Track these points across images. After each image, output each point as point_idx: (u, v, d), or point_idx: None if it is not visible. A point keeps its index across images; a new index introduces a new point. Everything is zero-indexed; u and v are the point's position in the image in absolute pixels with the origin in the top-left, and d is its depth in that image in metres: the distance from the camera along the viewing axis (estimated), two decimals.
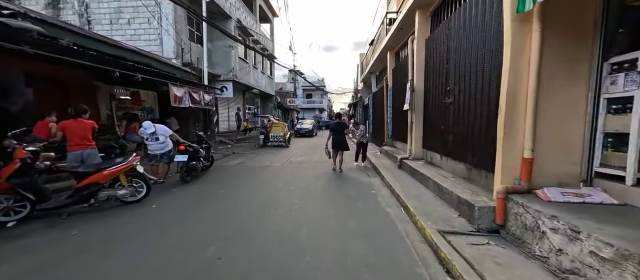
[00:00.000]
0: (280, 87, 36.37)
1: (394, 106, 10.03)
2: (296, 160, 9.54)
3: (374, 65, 13.82)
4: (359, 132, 8.38)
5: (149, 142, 5.89)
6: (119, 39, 10.27)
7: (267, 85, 21.67)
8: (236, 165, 8.49)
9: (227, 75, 14.55)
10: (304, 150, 12.57)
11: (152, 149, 5.93)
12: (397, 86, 9.62)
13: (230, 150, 11.83)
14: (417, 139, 6.91)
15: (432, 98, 6.19)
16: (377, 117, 12.77)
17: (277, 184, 5.93)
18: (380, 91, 12.12)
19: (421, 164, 6.29)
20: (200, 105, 9.32)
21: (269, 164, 8.81)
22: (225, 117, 16.32)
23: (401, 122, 8.96)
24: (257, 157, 10.44)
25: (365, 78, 17.90)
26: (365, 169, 7.84)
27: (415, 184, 5.38)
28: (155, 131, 5.84)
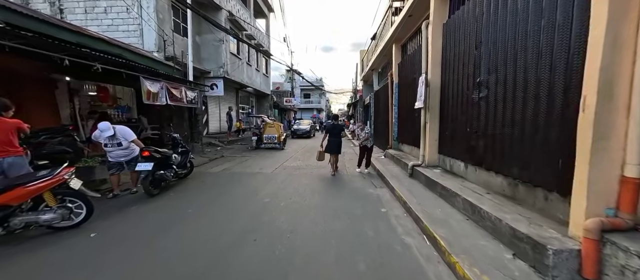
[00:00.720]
0: (277, 86, 35.30)
1: (400, 105, 8.96)
2: (291, 165, 8.45)
3: (377, 62, 12.76)
4: (363, 134, 7.32)
5: (108, 148, 4.79)
6: (95, 30, 9.18)
7: (262, 84, 20.57)
8: (221, 172, 7.38)
9: (217, 72, 13.45)
10: (300, 153, 11.47)
11: (114, 156, 4.83)
12: (403, 82, 8.56)
13: (219, 153, 10.72)
14: (431, 142, 5.84)
15: (453, 94, 5.12)
16: (380, 118, 11.70)
17: (264, 199, 4.83)
18: (383, 89, 11.06)
19: (438, 173, 5.22)
20: (181, 103, 8.20)
21: (258, 170, 7.71)
22: (216, 117, 15.21)
23: (409, 122, 7.90)
24: (247, 161, 9.33)
25: (366, 76, 16.85)
26: (369, 177, 6.76)
27: (436, 200, 4.30)
28: (115, 134, 4.74)
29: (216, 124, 15.14)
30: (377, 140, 11.99)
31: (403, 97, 8.63)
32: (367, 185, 5.95)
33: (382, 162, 8.23)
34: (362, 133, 7.38)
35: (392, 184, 5.41)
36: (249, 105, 20.85)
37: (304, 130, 20.99)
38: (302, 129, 21.07)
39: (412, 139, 7.55)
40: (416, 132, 7.10)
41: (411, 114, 7.65)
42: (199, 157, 9.54)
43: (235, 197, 4.98)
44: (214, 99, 14.64)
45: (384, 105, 10.78)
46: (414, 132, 7.37)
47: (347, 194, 5.23)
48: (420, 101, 5.79)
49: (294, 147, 14.40)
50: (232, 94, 17.20)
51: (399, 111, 9.19)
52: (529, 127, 3.07)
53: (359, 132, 7.54)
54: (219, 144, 12.84)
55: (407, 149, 8.22)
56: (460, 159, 4.79)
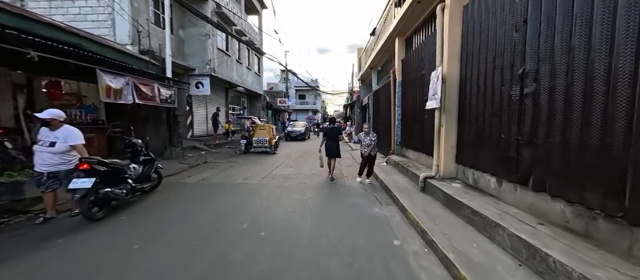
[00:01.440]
0: (271, 87, 34.25)
1: (404, 105, 7.99)
2: (281, 174, 7.39)
3: (376, 59, 11.80)
4: (367, 140, 6.32)
5: (37, 147, 3.69)
6: (61, 20, 8.04)
7: (255, 83, 19.48)
8: (197, 183, 6.29)
9: (203, 69, 12.35)
10: (293, 158, 10.42)
11: (41, 161, 3.68)
12: (408, 80, 7.59)
13: (202, 159, 9.61)
14: (447, 149, 4.85)
15: (477, 91, 4.14)
16: (381, 120, 10.72)
17: (242, 224, 3.76)
18: (384, 88, 10.09)
19: (460, 189, 4.22)
20: (153, 102, 7.11)
21: (243, 180, 6.64)
22: (203, 118, 14.08)
23: (415, 125, 6.92)
24: (232, 168, 8.25)
25: (363, 75, 15.89)
26: (372, 189, 5.74)
27: (465, 229, 3.29)
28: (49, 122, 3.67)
29: (203, 126, 14.01)
30: (378, 144, 10.99)
31: (408, 96, 7.65)
32: (371, 201, 4.92)
33: (385, 170, 7.22)
34: (366, 139, 6.35)
35: (401, 201, 4.39)
36: (240, 106, 19.74)
37: (299, 132, 19.95)
38: (296, 131, 20.03)
39: (420, 144, 6.57)
40: (425, 137, 6.13)
41: (418, 115, 6.67)
42: (178, 163, 8.43)
43: (204, 221, 3.91)
44: (201, 98, 13.54)
45: (385, 106, 9.80)
46: (422, 137, 6.39)
47: (346, 214, 4.20)
48: (435, 100, 4.80)
49: (286, 150, 13.34)
50: (221, 93, 16.09)
51: (402, 112, 8.21)
52: (620, 132, 2.08)
53: (363, 138, 6.48)
54: (204, 148, 11.72)
55: (413, 155, 7.23)
56: (490, 172, 3.80)
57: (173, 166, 7.99)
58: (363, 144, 6.42)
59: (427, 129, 6.04)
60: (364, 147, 6.35)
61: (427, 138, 6.00)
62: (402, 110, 8.26)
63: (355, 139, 17.12)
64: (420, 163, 6.60)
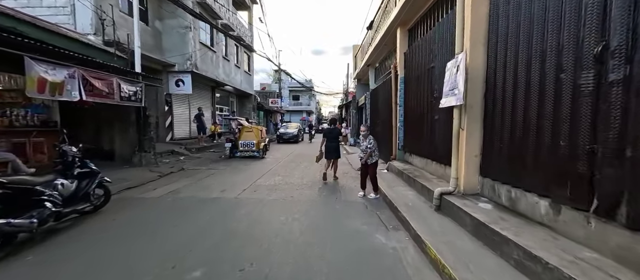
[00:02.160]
0: (263, 87, 33.13)
1: (408, 104, 7.00)
2: (266, 184, 6.32)
3: (374, 55, 10.81)
4: (365, 146, 5.28)
5: None
6: (13, 5, 6.86)
7: (244, 82, 18.35)
8: (160, 199, 5.17)
9: (183, 65, 11.20)
10: (282, 164, 9.35)
11: None
12: (413, 75, 6.61)
13: (179, 166, 8.48)
14: (470, 159, 3.85)
15: (515, 82, 3.15)
16: (380, 121, 9.73)
17: (194, 269, 2.68)
18: (383, 86, 9.11)
19: (493, 211, 3.22)
20: (111, 100, 5.97)
21: (219, 192, 5.55)
22: (185, 119, 12.90)
23: (421, 127, 5.94)
24: (211, 177, 7.14)
25: (360, 73, 14.92)
26: (374, 206, 4.70)
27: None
28: None
29: (184, 128, 12.84)
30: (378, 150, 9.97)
31: (412, 94, 6.66)
32: (374, 224, 3.88)
33: (387, 179, 6.20)
34: (364, 144, 5.32)
35: (414, 226, 3.37)
36: (229, 107, 18.58)
37: (291, 134, 18.88)
38: (289, 133, 18.95)
39: (429, 150, 5.57)
40: (436, 142, 5.13)
41: (426, 115, 5.68)
42: (148, 172, 7.29)
43: (143, 264, 2.81)
44: (182, 98, 12.37)
45: (385, 106, 8.82)
46: (431, 141, 5.39)
47: (343, 248, 3.14)
48: (453, 97, 3.79)
49: (277, 154, 12.26)
50: (207, 93, 14.94)
51: (405, 112, 7.22)
52: None
53: (359, 142, 5.48)
54: (184, 153, 10.57)
55: (419, 162, 6.23)
56: (538, 192, 2.79)
57: (140, 175, 6.85)
58: (360, 147, 5.45)
59: (438, 132, 5.04)
60: (362, 151, 5.34)
61: (439, 143, 5.00)
62: (405, 111, 7.27)
63: (351, 141, 16.13)
64: (428, 172, 5.60)
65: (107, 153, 8.04)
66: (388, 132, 8.26)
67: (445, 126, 4.70)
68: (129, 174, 6.94)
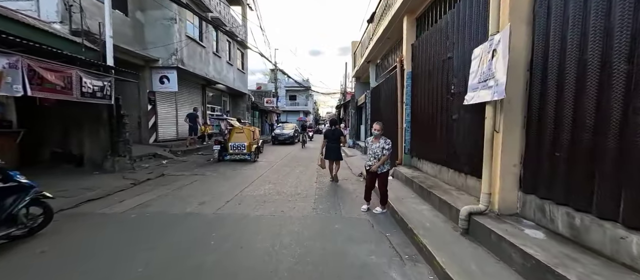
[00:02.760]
0: (259, 86, 32.22)
1: (416, 103, 6.19)
2: (254, 194, 5.45)
3: (375, 50, 9.99)
4: (380, 145, 4.28)
5: None
6: None
7: (237, 81, 17.43)
8: (122, 215, 4.27)
9: (168, 61, 10.29)
10: (275, 168, 8.48)
11: None
12: (422, 70, 5.79)
13: (160, 171, 7.57)
14: (508, 169, 3.01)
15: (586, 67, 2.33)
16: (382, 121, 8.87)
17: None
18: (387, 83, 8.29)
19: (546, 242, 2.39)
20: (68, 96, 5.08)
21: (197, 205, 4.67)
22: (172, 120, 11.97)
23: (433, 128, 5.12)
24: (193, 184, 6.26)
25: (359, 71, 14.10)
26: (381, 225, 3.85)
27: None
28: None
29: (171, 129, 11.90)
30: None
31: (421, 90, 5.84)
32: (385, 254, 3.03)
33: (394, 188, 5.34)
34: (375, 146, 4.30)
35: (441, 263, 2.52)
36: (222, 106, 17.65)
37: (287, 135, 18.02)
38: (284, 134, 18.08)
39: (444, 155, 4.74)
40: (454, 146, 4.30)
41: (440, 115, 4.85)
42: (121, 179, 6.38)
43: None
44: (168, 96, 11.44)
45: (389, 104, 7.99)
46: (448, 146, 4.56)
47: None
48: (487, 90, 2.96)
49: (271, 157, 11.39)
50: (197, 91, 14.02)
51: (413, 112, 6.40)
52: None
53: (370, 144, 4.43)
54: (168, 156, 9.65)
55: (431, 168, 5.39)
56: (631, 224, 1.96)
57: (109, 184, 5.94)
58: (370, 150, 4.41)
59: (458, 135, 4.21)
60: (373, 162, 4.32)
61: (460, 148, 4.17)
62: (412, 110, 6.44)
63: (350, 142, 15.29)
64: (443, 181, 4.77)
65: (77, 158, 7.11)
66: (392, 135, 7.40)
67: (469, 128, 3.87)
68: (97, 182, 6.03)
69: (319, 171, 8.12)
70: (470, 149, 3.86)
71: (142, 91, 10.23)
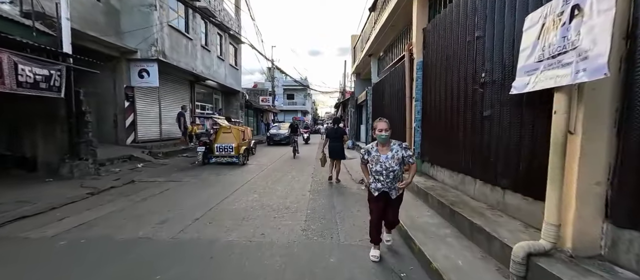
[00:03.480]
0: (255, 84, 31.19)
1: (429, 98, 5.19)
2: (232, 208, 4.43)
3: (378, 40, 8.99)
4: (390, 158, 2.61)
5: None
6: None
7: (230, 77, 16.41)
8: (52, 240, 3.24)
9: (148, 52, 9.25)
10: (265, 173, 7.46)
11: None
12: (437, 58, 4.80)
13: (130, 177, 6.56)
14: (587, 189, 2.01)
15: None
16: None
17: None
18: (392, 77, 7.29)
19: None
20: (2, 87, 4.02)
21: (154, 227, 3.65)
22: (153, 118, 10.93)
23: (452, 128, 4.13)
24: (160, 195, 5.24)
25: (360, 66, 13.11)
26: (396, 262, 2.84)
27: None
28: None
29: (153, 129, 10.86)
30: None
31: (436, 82, 4.84)
32: None
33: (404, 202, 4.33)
34: (383, 157, 2.63)
35: None
36: (214, 104, 16.62)
37: (283, 135, 16.99)
38: (280, 134, 17.07)
39: (469, 163, 3.73)
40: (484, 150, 3.30)
41: (464, 112, 3.85)
42: (78, 187, 5.38)
43: None
44: (150, 92, 10.40)
45: (394, 101, 7.00)
46: (473, 150, 3.57)
47: None
48: (565, 68, 1.95)
49: (263, 159, 10.38)
50: (184, 87, 13.00)
51: (425, 108, 5.40)
52: None
53: (377, 156, 2.65)
54: (146, 158, 8.62)
55: (450, 178, 4.39)
56: None
57: (59, 194, 4.92)
58: (375, 167, 2.65)
59: (493, 136, 3.20)
60: (377, 176, 2.66)
61: (496, 154, 3.17)
62: (423, 106, 5.45)
63: (349, 143, 14.28)
64: (469, 195, 3.76)
65: (29, 161, 6.07)
66: (399, 136, 6.42)
67: (510, 127, 2.88)
68: (44, 192, 5.02)
69: (314, 176, 7.14)
70: (511, 156, 2.87)
71: (119, 86, 9.20)
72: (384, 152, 2.65)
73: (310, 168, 8.50)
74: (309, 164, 9.38)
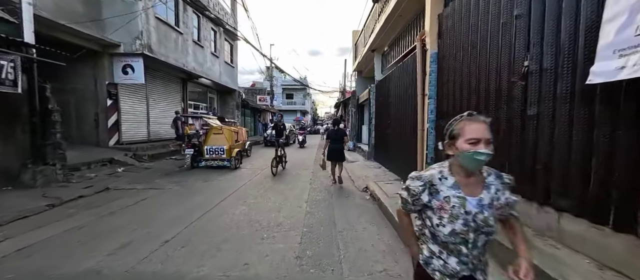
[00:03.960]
0: (253, 84, 30.46)
1: (444, 94, 4.48)
2: (213, 227, 3.69)
3: (382, 33, 8.26)
4: (493, 195, 1.13)
5: None
6: None
7: (225, 75, 15.67)
8: None
9: (132, 46, 8.51)
10: (259, 179, 6.72)
11: None
12: (456, 47, 4.08)
13: (106, 183, 5.83)
14: None
15: None
16: (391, 121, 7.16)
17: None
18: (400, 71, 6.56)
19: None
20: None
21: (110, 253, 2.92)
22: (141, 118, 10.18)
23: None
24: (136, 205, 4.51)
25: (361, 63, 12.38)
26: None
27: None
28: None
29: (140, 130, 10.11)
30: (388, 160, 7.40)
31: (455, 76, 4.12)
32: None
33: None
34: (474, 199, 1.10)
35: None
36: (208, 104, 15.87)
37: None
38: None
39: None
40: (528, 159, 2.56)
41: (495, 110, 3.12)
42: (39, 197, 4.64)
43: None
44: (136, 90, 9.66)
45: (402, 99, 6.27)
46: (511, 158, 2.83)
47: None
48: None
49: (258, 162, 9.64)
50: (175, 85, 12.25)
51: (440, 107, 4.68)
52: None
53: (449, 194, 1.12)
54: (129, 162, 7.88)
55: None
56: None
57: (13, 206, 4.20)
58: (449, 226, 1.10)
59: (544, 141, 2.47)
60: (453, 243, 1.12)
61: (543, 162, 2.44)
62: (438, 104, 4.72)
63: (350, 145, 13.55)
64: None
65: None
66: (408, 139, 5.70)
67: (570, 132, 2.15)
68: (5, 199, 4.30)
69: (312, 183, 6.42)
70: (573, 169, 2.15)
71: (100, 83, 8.47)
72: (472, 190, 1.13)
73: (308, 173, 7.78)
74: (307, 167, 8.66)
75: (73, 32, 7.06)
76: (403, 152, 6.04)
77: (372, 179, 6.29)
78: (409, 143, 5.62)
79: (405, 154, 5.81)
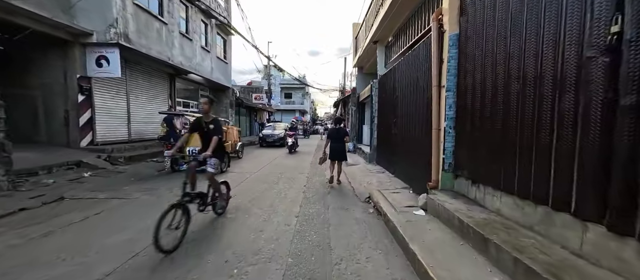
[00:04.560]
0: (250, 82, 29.56)
1: (467, 85, 3.58)
2: (169, 256, 2.79)
3: (386, 22, 7.37)
4: None
5: None
6: None
7: (217, 72, 14.77)
8: None
9: (106, 35, 7.61)
10: (248, 185, 5.85)
11: None
12: (486, 24, 3.19)
13: (63, 191, 4.96)
14: None
15: None
16: (397, 120, 6.26)
17: None
18: (409, 62, 5.67)
19: None
20: None
21: None
22: (120, 116, 9.27)
23: (515, 128, 2.48)
24: (86, 221, 3.63)
25: (362, 58, 11.49)
26: None
27: None
28: None
29: (119, 129, 9.21)
30: (394, 165, 6.47)
31: (485, 60, 3.22)
32: None
33: (439, 244, 2.71)
34: None
35: None
36: (198, 102, 14.95)
37: (276, 136, 15.38)
38: (273, 136, 15.46)
39: (563, 187, 2.08)
40: (632, 170, 1.62)
41: (545, 101, 2.19)
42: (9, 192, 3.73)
43: None
44: (115, 84, 8.77)
45: (411, 93, 5.37)
46: (579, 166, 1.91)
47: None
48: None
49: (249, 164, 8.76)
50: (162, 81, 11.36)
51: (461, 102, 3.79)
52: None
53: None
54: (100, 165, 6.99)
55: (515, 208, 2.75)
56: None
57: None
58: None
59: None
60: None
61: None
62: (458, 98, 3.83)
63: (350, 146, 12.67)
64: (570, 250, 2.13)
65: None
66: (419, 140, 4.80)
67: None
68: None
69: (306, 192, 5.53)
70: None
71: (71, 76, 7.58)
72: None
73: (303, 177, 6.90)
74: (302, 171, 7.77)
75: (39, 19, 6.19)
76: (412, 155, 5.14)
77: (376, 186, 5.40)
78: (419, 145, 4.73)
79: (415, 157, 4.92)
